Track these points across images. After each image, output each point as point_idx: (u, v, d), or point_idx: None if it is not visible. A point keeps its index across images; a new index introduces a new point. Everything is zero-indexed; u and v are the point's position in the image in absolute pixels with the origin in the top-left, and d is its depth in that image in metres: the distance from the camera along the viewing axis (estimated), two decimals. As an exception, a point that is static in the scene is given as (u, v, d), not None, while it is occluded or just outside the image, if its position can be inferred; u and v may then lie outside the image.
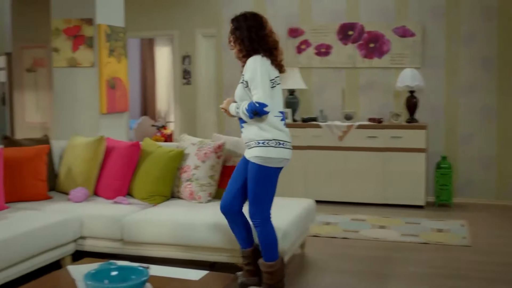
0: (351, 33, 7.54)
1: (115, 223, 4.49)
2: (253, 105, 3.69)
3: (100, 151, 5.09)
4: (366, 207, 6.97)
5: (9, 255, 3.85)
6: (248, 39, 3.87)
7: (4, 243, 3.82)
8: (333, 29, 7.60)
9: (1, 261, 3.78)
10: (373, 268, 4.73)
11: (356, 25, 7.53)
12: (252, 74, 3.75)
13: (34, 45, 9.00)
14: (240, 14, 4.00)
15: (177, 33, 9.99)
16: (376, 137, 7.06)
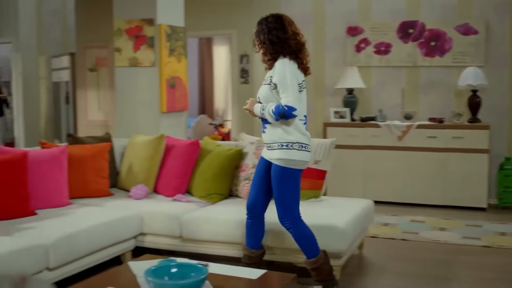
0: (411, 31, 7.41)
1: (174, 220, 4.55)
2: (282, 108, 3.71)
3: (160, 149, 5.17)
4: (425, 209, 6.85)
5: (72, 249, 3.95)
6: (269, 42, 3.86)
7: (68, 238, 3.92)
8: (393, 27, 7.49)
9: (65, 255, 3.89)
10: (432, 271, 4.63)
11: (416, 23, 7.40)
12: (281, 77, 3.76)
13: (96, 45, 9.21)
14: (263, 17, 3.99)
15: (235, 32, 10.03)
16: (436, 137, 6.92)
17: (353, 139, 7.24)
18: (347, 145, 7.17)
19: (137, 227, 4.61)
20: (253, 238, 4.04)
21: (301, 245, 3.87)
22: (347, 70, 7.48)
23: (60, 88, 10.43)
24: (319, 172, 4.83)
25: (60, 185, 4.69)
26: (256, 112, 3.87)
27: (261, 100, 3.90)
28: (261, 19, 3.97)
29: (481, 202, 6.78)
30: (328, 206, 4.70)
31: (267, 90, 3.85)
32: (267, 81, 3.87)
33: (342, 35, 7.78)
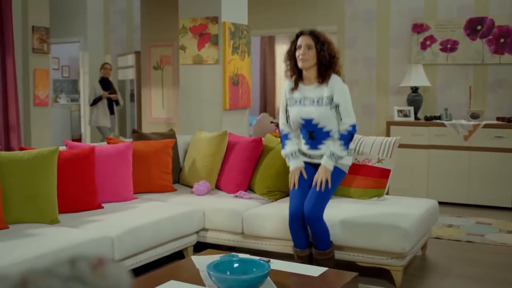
0: (479, 28, 7.22)
1: (236, 216, 4.58)
2: (350, 133, 3.89)
3: (223, 146, 5.21)
4: (492, 211, 6.65)
5: (137, 242, 4.03)
6: (329, 55, 3.90)
7: (133, 231, 4.01)
8: (460, 24, 7.31)
9: (130, 248, 3.97)
10: (499, 275, 4.49)
11: (485, 19, 7.19)
12: (344, 98, 3.89)
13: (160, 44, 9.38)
14: (317, 31, 4.00)
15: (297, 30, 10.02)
16: (504, 137, 6.71)
17: (417, 138, 7.11)
18: (411, 144, 7.04)
19: (199, 222, 4.67)
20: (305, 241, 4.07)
21: (319, 237, 3.92)
22: (411, 68, 7.34)
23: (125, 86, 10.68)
24: (383, 171, 4.76)
25: (125, 180, 4.80)
26: (330, 167, 3.92)
27: (318, 121, 3.91)
28: (317, 32, 3.97)
29: (552, 205, 6.54)
30: (391, 205, 4.63)
31: (328, 111, 3.89)
32: (323, 101, 3.88)
33: (407, 32, 7.65)
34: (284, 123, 4.15)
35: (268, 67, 13.05)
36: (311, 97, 3.93)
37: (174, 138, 5.52)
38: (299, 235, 4.01)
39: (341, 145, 3.88)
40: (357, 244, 4.11)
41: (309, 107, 3.93)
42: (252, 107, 12.36)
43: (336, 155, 3.89)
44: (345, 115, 3.87)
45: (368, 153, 4.83)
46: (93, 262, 0.84)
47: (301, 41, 3.94)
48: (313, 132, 3.98)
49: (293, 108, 4.02)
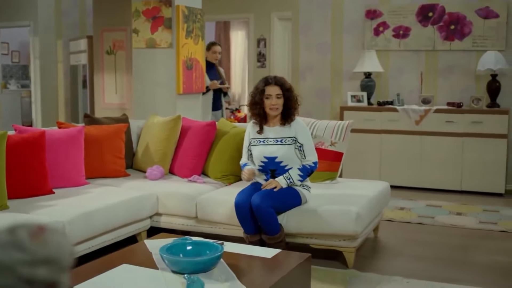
0: (431, 14, 7.33)
1: (190, 201, 4.56)
2: (310, 168, 4.14)
3: (176, 130, 5.17)
4: (442, 194, 6.80)
5: (89, 227, 3.98)
6: (293, 99, 4.19)
7: (85, 216, 3.95)
8: (412, 10, 7.41)
9: (82, 233, 3.92)
10: (448, 255, 4.61)
11: (436, 6, 7.31)
12: (307, 138, 4.17)
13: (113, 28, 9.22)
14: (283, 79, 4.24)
15: (252, 16, 10.00)
16: (455, 122, 6.85)
17: (370, 123, 7.20)
18: (364, 129, 7.13)
19: (152, 207, 4.63)
20: None
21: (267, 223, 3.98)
22: (365, 53, 7.42)
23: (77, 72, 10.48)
24: (336, 154, 4.81)
25: (77, 165, 4.72)
26: (283, 185, 4.08)
27: (281, 159, 4.12)
28: (282, 80, 4.22)
29: (499, 187, 6.72)
30: (343, 188, 4.69)
31: (291, 150, 4.14)
32: (287, 141, 4.13)
33: (360, 18, 7.71)
34: (245, 160, 4.35)
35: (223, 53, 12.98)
36: (275, 137, 4.17)
37: (127, 122, 5.46)
38: (247, 222, 4.06)
39: (299, 174, 4.10)
40: (310, 229, 4.15)
41: (272, 146, 4.16)
42: (207, 93, 12.29)
43: (291, 179, 4.08)
44: (309, 153, 4.15)
45: (321, 136, 4.87)
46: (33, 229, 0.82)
47: (271, 91, 4.16)
48: (275, 171, 4.17)
49: (256, 148, 4.23)
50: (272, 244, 4.00)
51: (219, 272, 2.90)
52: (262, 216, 3.95)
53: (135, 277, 2.89)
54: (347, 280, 3.96)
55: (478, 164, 6.77)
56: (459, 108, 6.91)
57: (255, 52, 10.09)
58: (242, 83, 12.50)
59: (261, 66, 10.04)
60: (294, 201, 4.15)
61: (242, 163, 4.35)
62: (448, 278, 4.07)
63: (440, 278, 4.05)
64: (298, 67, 8.15)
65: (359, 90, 7.55)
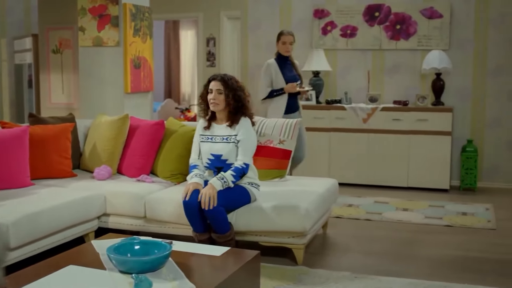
0: (377, 14, 7.45)
1: (138, 200, 4.52)
2: (243, 170, 4.10)
3: (124, 130, 5.11)
4: (389, 190, 6.92)
5: (34, 229, 3.89)
6: (235, 99, 4.14)
7: (31, 218, 3.86)
8: (359, 10, 7.52)
9: (26, 235, 3.83)
10: (395, 250, 4.70)
11: (382, 6, 7.44)
12: (247, 140, 4.14)
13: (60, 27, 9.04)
14: (227, 76, 4.21)
15: (201, 15, 9.97)
16: (401, 120, 6.99)
17: (319, 121, 7.27)
18: (313, 127, 7.19)
19: (100, 207, 4.56)
20: None
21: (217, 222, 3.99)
22: (313, 52, 7.49)
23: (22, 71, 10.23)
24: (284, 152, 4.84)
25: (21, 165, 4.61)
26: (218, 187, 4.01)
27: (226, 157, 4.14)
28: (227, 77, 4.18)
29: (444, 183, 6.89)
30: (292, 185, 4.72)
31: (233, 148, 4.14)
32: (231, 139, 4.13)
33: (308, 17, 7.78)
34: (196, 158, 4.32)
35: (172, 52, 12.91)
36: (221, 135, 4.18)
37: (74, 122, 5.36)
38: (196, 220, 4.04)
39: (232, 175, 4.06)
40: (259, 227, 4.16)
41: (219, 144, 4.17)
42: (156, 93, 12.20)
43: (225, 179, 4.05)
44: (243, 153, 4.12)
45: (270, 134, 4.89)
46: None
47: (212, 86, 4.17)
48: (222, 168, 4.16)
49: (204, 144, 4.24)
50: (222, 242, 4.00)
51: (168, 271, 2.88)
52: (211, 215, 3.95)
53: (82, 278, 2.84)
54: (297, 276, 3.99)
55: (423, 161, 6.92)
56: (405, 106, 7.05)
57: (204, 51, 10.07)
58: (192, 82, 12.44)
59: (211, 65, 10.02)
60: (243, 199, 4.16)
61: (191, 163, 4.32)
62: (395, 272, 4.15)
63: (388, 272, 4.13)
64: (247, 66, 8.17)
65: (308, 88, 7.60)
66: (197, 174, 4.21)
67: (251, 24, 8.06)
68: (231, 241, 4.04)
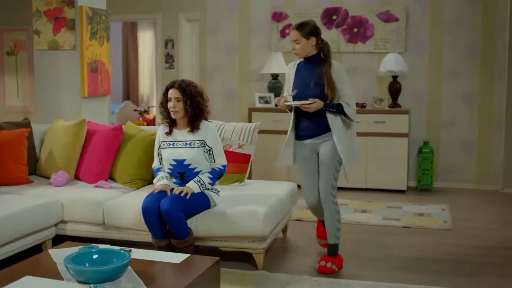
0: (335, 17, 7.53)
1: (97, 207, 4.46)
2: (219, 171, 4.18)
3: (82, 135, 5.05)
4: (348, 192, 6.99)
5: (-11, 238, 3.81)
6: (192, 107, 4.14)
7: (-16, 227, 3.78)
8: (317, 13, 7.58)
9: (-19, 244, 3.75)
10: (354, 252, 4.75)
11: (340, 9, 7.52)
12: (216, 142, 4.19)
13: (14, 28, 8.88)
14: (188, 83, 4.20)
15: (160, 16, 9.90)
16: (359, 122, 7.03)
17: (278, 124, 7.29)
18: (272, 130, 7.21)
19: (57, 214, 4.49)
20: None
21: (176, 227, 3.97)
22: (272, 55, 7.52)
23: (-24, 73, 10.00)
24: (243, 156, 4.85)
25: (-25, 173, 4.51)
26: (195, 189, 4.08)
27: (190, 162, 4.13)
28: (185, 84, 4.17)
29: (401, 184, 7.00)
30: (251, 189, 4.73)
31: (200, 153, 4.14)
32: (195, 144, 4.14)
33: (267, 20, 7.81)
34: (158, 164, 4.34)
35: (130, 54, 12.79)
36: (183, 140, 4.18)
37: (29, 127, 5.26)
38: (155, 226, 4.02)
39: (209, 177, 4.13)
40: (219, 232, 4.16)
41: (181, 149, 4.16)
42: (115, 95, 12.06)
43: (202, 182, 4.10)
44: (218, 157, 4.19)
45: (229, 138, 4.90)
46: None
47: (171, 94, 4.16)
48: (184, 173, 4.17)
49: (165, 150, 4.22)
50: (182, 248, 3.99)
51: (127, 280, 2.85)
52: (171, 221, 3.93)
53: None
54: (257, 281, 4.00)
55: (381, 162, 7.02)
56: (363, 109, 7.13)
57: (163, 53, 10.00)
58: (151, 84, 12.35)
59: (170, 67, 9.97)
60: (203, 205, 4.15)
61: (155, 167, 4.34)
62: (354, 274, 4.20)
63: (347, 275, 4.17)
64: (206, 68, 8.16)
65: (267, 92, 7.64)
66: (164, 176, 4.23)
67: (210, 26, 8.05)
68: (190, 246, 4.03)
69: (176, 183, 4.23)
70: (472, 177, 7.31)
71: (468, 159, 7.30)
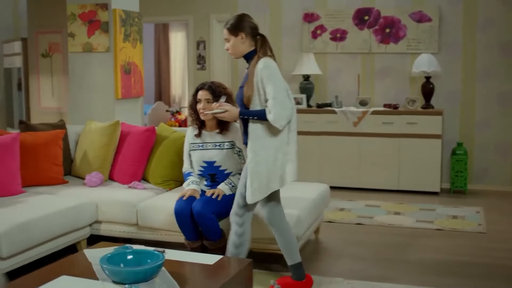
0: (366, 18, 7.48)
1: (130, 208, 4.51)
2: None
3: (116, 136, 5.11)
4: (380, 193, 6.95)
5: (26, 238, 3.88)
6: None
7: (22, 227, 3.85)
8: (348, 14, 7.55)
9: (18, 244, 3.82)
10: (387, 254, 4.72)
11: (372, 10, 7.47)
12: None
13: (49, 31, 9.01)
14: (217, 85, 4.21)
15: (191, 18, 9.96)
16: (391, 123, 7.02)
17: (310, 125, 7.29)
18: (304, 131, 7.21)
19: (92, 214, 4.56)
20: None
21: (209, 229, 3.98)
22: (303, 56, 7.51)
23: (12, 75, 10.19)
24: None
25: (12, 173, 4.59)
26: (226, 191, 4.11)
27: (220, 164, 4.18)
28: (214, 86, 4.19)
29: (434, 186, 6.92)
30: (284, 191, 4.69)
31: (229, 154, 4.18)
32: (225, 145, 4.18)
33: (298, 21, 7.80)
34: (188, 167, 4.37)
35: (162, 55, 12.88)
36: (213, 141, 4.21)
37: (64, 128, 5.35)
38: (188, 228, 4.05)
39: (239, 179, 4.07)
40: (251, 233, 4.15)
41: (211, 151, 4.20)
42: (147, 96, 12.18)
43: (233, 184, 4.13)
44: None
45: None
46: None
47: (200, 95, 4.18)
48: (215, 175, 4.21)
49: (195, 152, 4.26)
50: (214, 249, 4.01)
51: (161, 280, 2.88)
52: (203, 222, 3.95)
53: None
54: (289, 283, 4.00)
55: (414, 164, 6.95)
56: (395, 110, 7.08)
57: (194, 54, 10.06)
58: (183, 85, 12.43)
59: (201, 68, 10.02)
60: None
61: (185, 171, 4.35)
62: (386, 277, 4.17)
63: (379, 278, 4.15)
64: (238, 70, 8.18)
65: (298, 93, 7.63)
66: (194, 181, 4.24)
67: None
68: (223, 248, 4.05)
69: (207, 185, 4.26)
70: (507, 179, 7.19)
71: (502, 160, 7.19)
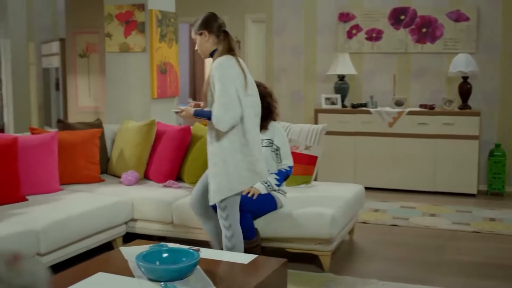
0: (403, 17, 7.41)
1: (166, 206, 4.55)
2: (287, 173, 4.18)
3: (151, 135, 5.16)
4: (416, 195, 6.88)
5: (63, 235, 3.95)
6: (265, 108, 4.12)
7: (59, 224, 3.92)
8: (384, 13, 7.48)
9: (56, 241, 3.89)
10: (422, 256, 4.66)
11: (408, 9, 7.39)
12: (284, 142, 4.22)
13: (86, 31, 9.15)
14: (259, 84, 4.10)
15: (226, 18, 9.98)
16: (427, 124, 6.94)
17: (344, 125, 7.25)
18: (338, 131, 7.18)
19: (128, 213, 4.61)
20: None
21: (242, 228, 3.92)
22: (338, 56, 7.47)
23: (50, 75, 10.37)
24: (310, 158, 4.84)
25: (50, 171, 4.68)
26: (262, 190, 4.11)
27: None
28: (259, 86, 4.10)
29: (471, 188, 6.82)
30: (318, 191, 4.72)
31: (268, 153, 4.18)
32: (263, 143, 4.15)
33: (333, 21, 7.77)
34: None
35: (197, 55, 12.95)
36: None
37: (101, 127, 5.42)
38: None
39: (276, 178, 4.14)
40: (285, 233, 4.17)
41: None
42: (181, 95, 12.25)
43: (269, 183, 4.12)
44: (285, 157, 4.21)
45: (296, 140, 4.90)
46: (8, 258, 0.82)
47: None
48: None
49: None
50: (248, 248, 4.01)
51: (196, 279, 2.90)
52: None
53: (111, 286, 2.87)
54: (324, 283, 3.99)
55: (450, 165, 6.86)
56: (432, 110, 6.99)
57: (229, 54, 10.09)
58: (217, 85, 12.48)
59: (236, 68, 10.04)
60: (270, 206, 4.17)
61: None
62: (422, 279, 4.12)
63: (414, 280, 4.10)
64: (272, 69, 8.18)
65: (333, 93, 7.60)
66: None
67: (276, 27, 8.07)
68: (257, 247, 4.05)
69: None
70: (547, 182, 7.05)
71: (542, 162, 7.04)
